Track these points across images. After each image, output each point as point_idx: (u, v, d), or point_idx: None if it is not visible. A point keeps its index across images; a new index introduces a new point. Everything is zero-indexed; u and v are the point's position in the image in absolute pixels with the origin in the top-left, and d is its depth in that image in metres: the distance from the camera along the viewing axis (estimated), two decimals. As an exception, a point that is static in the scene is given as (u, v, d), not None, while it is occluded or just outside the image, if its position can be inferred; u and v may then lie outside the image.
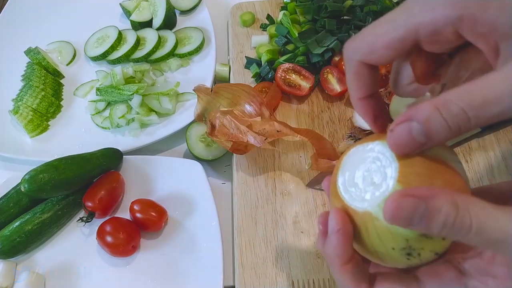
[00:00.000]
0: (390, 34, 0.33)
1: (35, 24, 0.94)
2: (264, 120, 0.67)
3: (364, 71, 0.36)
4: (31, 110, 0.78)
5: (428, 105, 0.29)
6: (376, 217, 0.33)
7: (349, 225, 0.35)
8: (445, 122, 0.29)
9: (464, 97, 0.28)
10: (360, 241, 0.35)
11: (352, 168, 0.36)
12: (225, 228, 0.67)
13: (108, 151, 0.71)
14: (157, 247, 0.66)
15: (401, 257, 0.34)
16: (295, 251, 0.63)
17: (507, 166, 0.71)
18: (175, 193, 0.70)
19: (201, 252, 0.65)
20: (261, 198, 0.68)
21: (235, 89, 0.72)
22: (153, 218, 0.65)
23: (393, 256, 0.34)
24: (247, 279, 0.62)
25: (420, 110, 0.29)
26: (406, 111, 0.31)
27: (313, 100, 0.79)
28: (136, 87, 0.77)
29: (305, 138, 0.66)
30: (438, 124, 0.29)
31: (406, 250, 0.33)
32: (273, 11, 0.91)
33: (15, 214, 0.66)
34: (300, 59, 0.79)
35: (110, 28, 0.88)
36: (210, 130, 0.68)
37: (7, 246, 0.63)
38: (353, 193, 0.35)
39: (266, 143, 0.64)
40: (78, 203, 0.68)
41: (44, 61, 0.85)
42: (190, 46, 0.87)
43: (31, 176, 0.63)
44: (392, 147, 0.32)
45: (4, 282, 0.62)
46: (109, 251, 0.64)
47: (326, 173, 0.68)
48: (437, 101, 0.29)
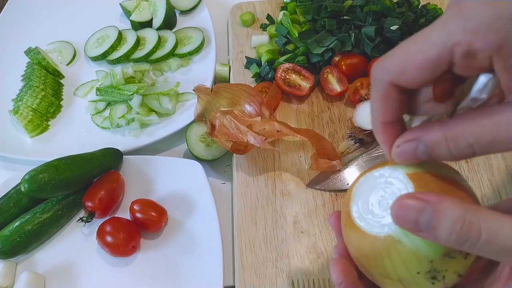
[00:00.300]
0: (424, 53, 0.30)
1: (35, 24, 0.94)
2: (264, 120, 0.67)
3: (393, 93, 0.33)
4: (31, 110, 0.78)
5: (438, 133, 0.31)
6: (399, 240, 0.32)
7: (352, 273, 0.35)
8: (449, 152, 0.30)
9: (474, 133, 0.29)
10: (382, 269, 0.34)
11: (365, 196, 0.35)
12: (225, 228, 0.67)
13: (108, 151, 0.71)
14: (157, 247, 0.66)
15: (426, 282, 0.33)
16: (295, 251, 0.63)
17: (507, 166, 0.71)
18: (175, 193, 0.70)
19: (201, 252, 0.65)
20: (261, 198, 0.68)
21: (235, 89, 0.72)
22: (153, 218, 0.65)
23: (418, 281, 0.33)
24: (247, 279, 0.62)
25: (429, 134, 0.31)
26: (413, 130, 0.33)
27: (313, 100, 0.79)
28: (136, 87, 0.77)
29: (305, 138, 0.66)
30: (443, 151, 0.31)
31: (431, 274, 0.32)
32: (273, 11, 0.91)
33: (15, 214, 0.66)
34: (300, 59, 0.79)
35: (110, 28, 0.89)
36: (210, 130, 0.68)
37: (7, 246, 0.63)
38: (370, 219, 0.34)
39: (266, 143, 0.64)
40: (78, 203, 0.68)
41: (44, 61, 0.85)
42: (190, 46, 0.87)
43: (31, 176, 0.63)
44: (395, 158, 0.34)
45: (4, 282, 0.62)
46: (109, 251, 0.64)
47: (326, 173, 0.68)
48: (447, 131, 0.30)
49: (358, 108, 0.72)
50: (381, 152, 0.70)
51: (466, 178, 0.69)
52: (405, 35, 0.80)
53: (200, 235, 0.66)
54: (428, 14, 0.84)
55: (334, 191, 0.67)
